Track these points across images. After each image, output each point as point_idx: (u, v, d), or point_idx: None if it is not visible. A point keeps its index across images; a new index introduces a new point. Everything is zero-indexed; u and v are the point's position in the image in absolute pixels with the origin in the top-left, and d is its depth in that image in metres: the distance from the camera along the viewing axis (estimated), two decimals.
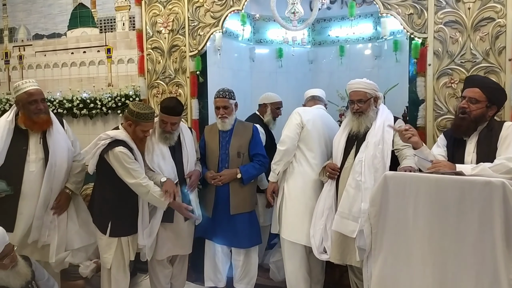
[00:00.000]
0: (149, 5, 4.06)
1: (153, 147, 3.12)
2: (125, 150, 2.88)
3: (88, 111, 4.51)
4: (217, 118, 3.39)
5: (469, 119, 2.52)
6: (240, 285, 3.51)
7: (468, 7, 3.09)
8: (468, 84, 2.64)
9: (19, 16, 4.97)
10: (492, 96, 2.55)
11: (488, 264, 2.01)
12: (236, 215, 3.34)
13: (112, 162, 2.89)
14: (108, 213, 3.03)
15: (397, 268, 2.30)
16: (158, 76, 4.07)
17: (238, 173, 3.31)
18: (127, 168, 2.87)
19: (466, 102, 2.54)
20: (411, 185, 2.26)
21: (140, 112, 2.94)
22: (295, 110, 3.30)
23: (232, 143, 3.37)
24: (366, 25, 5.22)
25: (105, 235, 3.03)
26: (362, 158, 2.85)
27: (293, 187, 3.26)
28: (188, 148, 3.23)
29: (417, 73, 3.27)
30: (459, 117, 2.57)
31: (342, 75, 5.07)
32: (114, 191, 3.00)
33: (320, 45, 5.53)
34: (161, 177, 3.04)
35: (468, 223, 2.07)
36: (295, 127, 3.21)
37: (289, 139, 3.20)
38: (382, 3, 3.29)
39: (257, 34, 5.39)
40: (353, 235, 2.81)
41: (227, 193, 3.34)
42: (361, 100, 2.95)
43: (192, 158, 3.26)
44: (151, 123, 3.03)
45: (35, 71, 4.88)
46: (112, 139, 2.91)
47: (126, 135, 2.96)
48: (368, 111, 2.96)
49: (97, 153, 2.90)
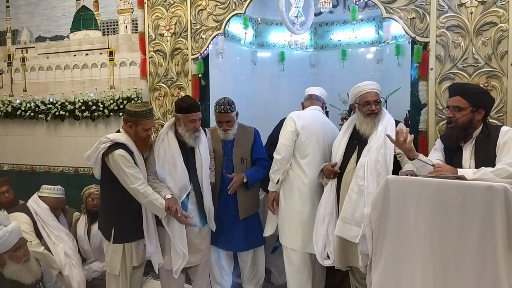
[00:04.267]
0: (151, 8, 4.07)
1: (165, 153, 3.04)
2: (125, 153, 2.85)
3: (90, 113, 4.51)
4: (219, 129, 3.35)
5: (457, 127, 2.52)
6: (249, 286, 3.52)
7: (471, 11, 3.09)
8: (450, 93, 2.65)
9: (22, 18, 4.98)
10: (475, 100, 2.52)
11: (490, 269, 2.01)
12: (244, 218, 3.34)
13: (112, 165, 2.86)
14: (111, 219, 3.00)
15: (398, 272, 2.29)
16: (160, 79, 4.08)
17: (244, 177, 3.31)
18: (126, 172, 2.83)
19: (451, 112, 2.54)
20: (413, 189, 2.25)
21: (137, 110, 2.92)
22: (290, 116, 3.24)
23: (235, 150, 3.37)
24: (368, 29, 5.23)
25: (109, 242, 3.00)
26: (365, 163, 2.85)
27: (288, 193, 3.24)
28: (202, 153, 3.12)
29: (419, 77, 3.27)
30: (448, 127, 2.59)
31: (344, 79, 5.08)
32: (116, 196, 2.95)
33: (322, 49, 5.55)
34: (167, 193, 2.94)
35: (469, 228, 2.06)
36: (290, 135, 3.15)
37: (284, 147, 3.15)
38: (385, 7, 3.29)
39: (259, 37, 5.40)
40: (356, 240, 2.79)
41: (233, 199, 3.32)
42: (377, 101, 2.96)
43: (206, 162, 3.15)
44: (151, 120, 2.99)
45: (37, 73, 4.89)
46: (112, 142, 2.88)
47: (126, 138, 2.93)
48: (381, 112, 2.98)
49: (99, 157, 2.88)
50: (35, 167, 4.94)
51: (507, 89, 3.02)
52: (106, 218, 3.05)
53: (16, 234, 2.86)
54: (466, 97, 2.51)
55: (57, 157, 4.82)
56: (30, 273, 2.87)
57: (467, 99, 2.51)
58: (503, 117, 3.02)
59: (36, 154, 4.93)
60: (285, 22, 3.80)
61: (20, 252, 2.84)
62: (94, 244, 3.84)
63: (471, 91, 2.59)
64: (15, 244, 2.83)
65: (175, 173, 3.02)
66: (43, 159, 4.89)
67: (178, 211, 2.87)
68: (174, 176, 3.01)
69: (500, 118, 3.02)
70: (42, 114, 4.76)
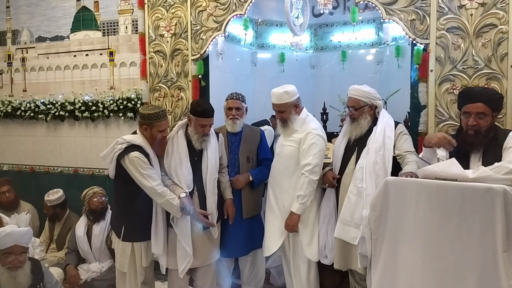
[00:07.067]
0: (152, 9, 4.07)
1: (173, 150, 3.05)
2: (141, 155, 2.87)
3: (90, 113, 4.51)
4: (227, 120, 3.37)
5: (481, 134, 2.47)
6: (249, 287, 3.52)
7: (471, 13, 3.09)
8: (468, 99, 2.56)
9: (22, 18, 4.98)
10: (496, 106, 2.53)
11: (489, 270, 2.01)
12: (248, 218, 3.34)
13: (128, 167, 2.87)
14: (122, 217, 3.03)
15: (398, 274, 2.29)
16: (160, 80, 4.08)
17: (250, 176, 3.31)
18: (142, 173, 2.85)
19: (475, 119, 2.47)
20: (412, 190, 2.25)
21: (150, 113, 2.95)
22: (319, 133, 3.07)
23: (242, 148, 3.37)
24: (368, 31, 5.24)
25: (119, 239, 3.03)
26: (363, 165, 2.85)
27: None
28: (209, 155, 3.10)
29: (419, 79, 3.27)
30: (471, 135, 2.48)
31: (344, 80, 5.08)
32: (128, 196, 2.98)
33: (322, 50, 5.55)
34: (181, 192, 2.95)
35: (469, 229, 2.07)
36: (323, 154, 3.10)
37: (320, 168, 3.07)
38: (385, 9, 3.29)
39: (259, 38, 5.41)
40: (355, 242, 2.80)
41: (237, 198, 3.31)
42: (353, 107, 2.97)
43: (213, 165, 3.11)
44: (165, 121, 3.02)
45: (37, 73, 4.89)
46: (128, 144, 2.90)
47: (142, 140, 2.95)
48: (360, 119, 2.96)
49: (114, 157, 2.90)
50: (35, 167, 4.94)
51: (507, 91, 3.02)
52: (117, 216, 3.10)
53: (12, 239, 2.81)
54: (489, 104, 2.48)
55: (56, 158, 4.82)
56: (14, 282, 2.83)
57: (489, 105, 2.48)
58: (503, 118, 3.02)
59: (36, 155, 4.93)
60: (290, 23, 3.80)
61: (7, 258, 2.80)
62: (95, 244, 3.82)
63: (494, 97, 2.56)
64: (7, 248, 2.79)
65: (180, 171, 3.03)
66: (42, 159, 4.89)
67: (193, 210, 2.91)
68: (179, 173, 3.02)
69: (500, 120, 3.01)
70: (42, 115, 4.76)
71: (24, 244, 2.89)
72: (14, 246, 2.82)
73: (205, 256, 3.16)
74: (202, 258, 3.14)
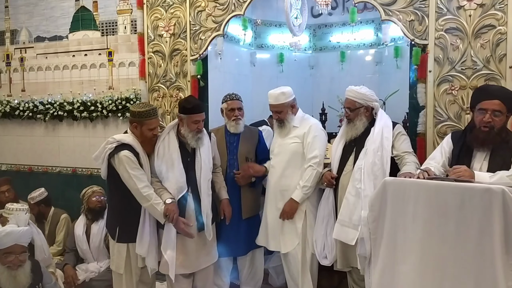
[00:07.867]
0: (151, 9, 4.07)
1: (164, 152, 3.02)
2: (130, 154, 2.85)
3: (88, 113, 4.51)
4: (230, 121, 3.35)
5: (494, 132, 2.43)
6: (247, 287, 3.52)
7: (469, 14, 3.09)
8: (485, 95, 2.49)
9: (21, 18, 4.98)
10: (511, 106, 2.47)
11: (487, 271, 2.01)
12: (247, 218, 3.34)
13: (117, 166, 2.86)
14: (116, 218, 3.01)
15: (396, 274, 2.29)
16: (159, 80, 4.08)
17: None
18: (129, 173, 2.83)
19: (491, 116, 2.42)
20: (411, 191, 2.25)
21: (141, 110, 2.93)
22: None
23: (240, 148, 3.38)
24: (367, 31, 5.24)
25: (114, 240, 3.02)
26: (362, 165, 2.85)
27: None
28: (202, 155, 3.06)
29: (418, 80, 3.27)
30: (485, 132, 2.44)
31: (342, 80, 5.07)
32: (121, 196, 2.94)
33: (321, 51, 5.55)
34: (167, 198, 2.90)
35: (467, 230, 2.06)
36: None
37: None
38: (383, 10, 3.29)
39: (258, 39, 5.40)
40: (353, 242, 2.80)
41: (236, 198, 3.32)
42: (349, 108, 2.98)
43: (206, 165, 3.08)
44: (156, 119, 2.99)
45: (36, 73, 4.89)
46: (118, 143, 2.88)
47: (133, 139, 2.93)
48: (355, 120, 2.97)
49: (105, 157, 2.89)
50: (33, 167, 4.93)
51: None
52: (111, 217, 3.08)
53: (12, 238, 2.82)
54: (506, 102, 2.43)
55: (55, 157, 4.81)
56: (14, 282, 2.84)
57: (506, 104, 2.43)
58: None
59: (34, 154, 4.93)
60: (289, 24, 3.81)
61: (7, 258, 2.80)
62: (94, 243, 3.80)
63: (511, 96, 2.51)
64: (7, 247, 2.80)
65: (172, 173, 2.99)
66: (41, 159, 4.89)
67: (175, 218, 2.85)
68: (171, 176, 2.99)
69: None
70: (41, 114, 4.76)
71: (24, 243, 2.90)
72: (14, 246, 2.83)
73: (200, 260, 3.13)
74: (197, 262, 3.11)
